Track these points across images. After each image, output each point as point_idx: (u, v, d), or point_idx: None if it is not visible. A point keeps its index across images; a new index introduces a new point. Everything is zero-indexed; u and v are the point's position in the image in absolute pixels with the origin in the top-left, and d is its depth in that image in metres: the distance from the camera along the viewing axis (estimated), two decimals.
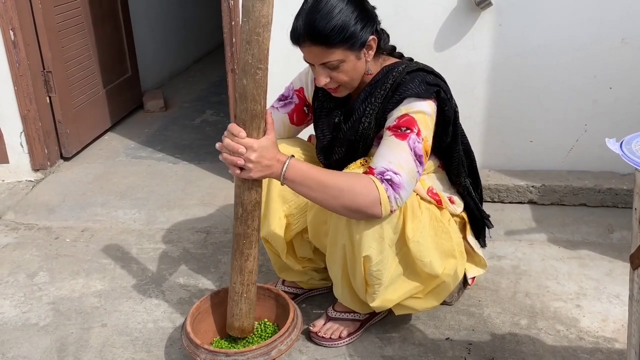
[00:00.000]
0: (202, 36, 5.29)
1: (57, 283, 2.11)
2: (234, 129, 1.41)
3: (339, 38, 1.49)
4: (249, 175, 1.42)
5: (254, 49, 1.33)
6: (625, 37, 2.41)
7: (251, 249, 1.55)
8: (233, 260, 1.58)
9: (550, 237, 2.34)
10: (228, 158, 1.42)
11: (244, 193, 1.48)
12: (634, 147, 1.14)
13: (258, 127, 1.42)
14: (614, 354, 1.72)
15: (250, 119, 1.40)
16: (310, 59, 1.56)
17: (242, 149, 1.40)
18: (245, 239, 1.53)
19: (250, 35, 1.32)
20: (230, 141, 1.41)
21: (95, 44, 3.35)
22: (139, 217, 2.56)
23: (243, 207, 1.49)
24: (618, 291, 2.00)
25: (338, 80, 1.57)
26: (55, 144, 3.06)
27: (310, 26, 1.49)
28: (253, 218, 1.51)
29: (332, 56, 1.52)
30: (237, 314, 1.63)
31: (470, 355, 1.73)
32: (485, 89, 2.55)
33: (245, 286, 1.60)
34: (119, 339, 1.83)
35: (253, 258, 1.57)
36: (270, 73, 1.42)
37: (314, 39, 1.50)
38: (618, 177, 2.56)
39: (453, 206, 1.77)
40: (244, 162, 1.41)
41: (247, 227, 1.52)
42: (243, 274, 1.58)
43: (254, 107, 1.39)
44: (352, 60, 1.55)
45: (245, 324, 1.65)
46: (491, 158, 2.66)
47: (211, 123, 3.73)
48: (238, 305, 1.62)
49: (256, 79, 1.36)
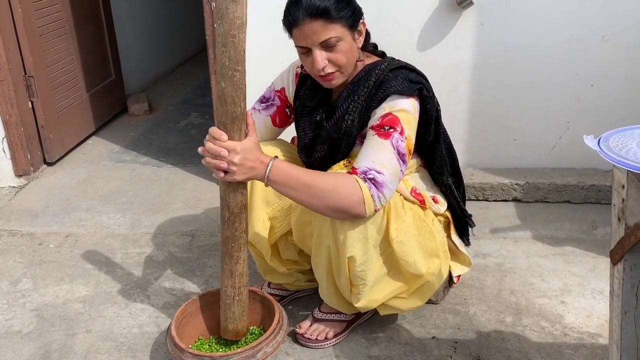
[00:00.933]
0: (187, 38, 5.26)
1: (41, 289, 2.09)
2: (215, 132, 1.40)
3: (339, 11, 1.49)
4: (233, 178, 1.42)
5: (230, 51, 1.33)
6: (605, 35, 2.43)
7: (240, 251, 1.54)
8: (223, 264, 1.57)
9: (535, 234, 2.35)
10: (211, 162, 1.42)
11: (229, 196, 1.47)
12: (611, 144, 1.14)
13: (239, 130, 1.41)
14: (598, 349, 1.73)
15: (231, 121, 1.40)
16: (307, 38, 1.52)
17: (225, 151, 1.39)
18: (233, 242, 1.52)
19: (226, 38, 1.32)
20: (212, 145, 1.40)
21: (77, 48, 3.33)
22: (124, 222, 2.54)
23: (229, 210, 1.48)
24: (602, 287, 2.01)
25: (336, 61, 1.55)
26: (38, 149, 3.03)
27: (310, 1, 1.48)
28: (240, 220, 1.50)
29: (331, 32, 1.50)
30: (231, 317, 1.63)
31: (456, 353, 1.74)
32: (469, 88, 2.56)
33: (237, 289, 1.59)
34: (103, 345, 1.81)
35: (243, 260, 1.56)
36: (253, 73, 1.41)
37: (314, 13, 1.48)
38: (601, 174, 2.59)
39: (437, 205, 1.77)
40: (227, 165, 1.40)
41: (235, 230, 1.51)
42: (234, 277, 1.57)
43: (234, 110, 1.38)
44: (349, 40, 1.54)
45: (239, 327, 1.64)
46: (475, 156, 2.67)
47: (196, 126, 3.72)
48: (231, 308, 1.61)
49: (234, 81, 1.35)
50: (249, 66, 1.39)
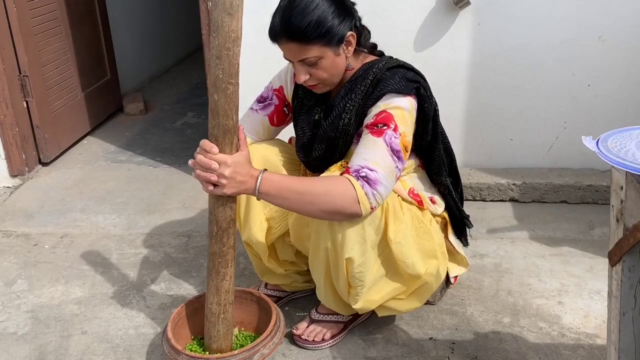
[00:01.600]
0: (183, 38, 5.25)
1: (36, 291, 2.08)
2: (206, 145, 1.40)
3: (315, 34, 1.48)
4: (222, 191, 1.41)
5: (224, 64, 1.32)
6: (602, 35, 2.43)
7: (227, 267, 1.52)
8: (209, 279, 1.54)
9: (532, 234, 2.35)
10: (201, 175, 1.41)
11: (218, 210, 1.45)
12: (610, 145, 1.14)
13: (231, 143, 1.40)
14: (596, 350, 1.73)
15: (223, 134, 1.39)
16: (288, 55, 1.56)
17: (215, 164, 1.38)
18: (220, 257, 1.50)
19: (220, 51, 1.31)
20: (203, 157, 1.39)
21: (72, 47, 3.31)
22: (119, 222, 2.53)
23: (218, 225, 1.47)
24: (599, 287, 2.01)
25: (317, 77, 1.57)
26: (33, 149, 3.02)
27: (286, 23, 1.48)
28: (228, 236, 1.48)
29: (309, 52, 1.51)
30: (215, 336, 1.60)
31: (453, 354, 1.73)
32: (465, 88, 2.56)
33: (222, 306, 1.56)
34: (99, 347, 1.80)
35: (230, 277, 1.53)
36: (248, 75, 1.41)
37: (290, 36, 1.49)
38: (598, 174, 2.59)
39: (434, 206, 1.77)
40: (217, 179, 1.39)
41: (223, 245, 1.49)
42: (219, 294, 1.54)
43: (226, 123, 1.37)
44: (331, 56, 1.54)
45: (223, 346, 1.61)
46: (472, 157, 2.67)
47: (192, 125, 3.70)
48: (215, 326, 1.58)
49: (227, 94, 1.35)
50: (246, 67, 1.38)
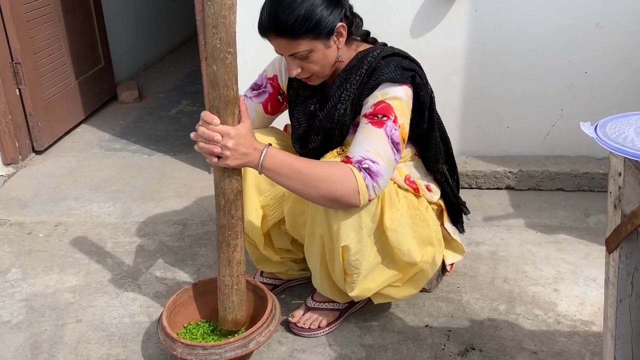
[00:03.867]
0: (177, 25, 5.20)
1: (30, 279, 2.07)
2: (208, 116, 1.38)
3: (303, 28, 1.47)
4: (226, 163, 1.39)
5: (221, 32, 1.30)
6: (600, 22, 2.41)
7: (237, 239, 1.51)
8: (220, 252, 1.54)
9: (528, 222, 2.35)
10: (204, 147, 1.39)
11: (224, 182, 1.44)
12: (608, 131, 1.13)
13: (232, 113, 1.39)
14: (591, 337, 1.73)
15: (224, 105, 1.37)
16: (278, 50, 1.55)
17: (218, 136, 1.37)
18: (230, 229, 1.49)
19: (217, 19, 1.28)
20: (205, 129, 1.38)
21: (65, 34, 3.28)
22: (114, 211, 2.51)
23: (225, 197, 1.46)
24: (595, 274, 2.01)
25: (309, 70, 1.56)
26: (26, 137, 2.99)
27: (274, 18, 1.46)
28: (236, 207, 1.48)
29: (299, 47, 1.50)
30: (230, 307, 1.60)
31: (449, 341, 1.73)
32: (462, 76, 2.54)
33: (235, 277, 1.56)
34: (94, 335, 1.80)
35: (240, 248, 1.53)
36: (243, 61, 1.39)
37: (279, 31, 1.48)
38: (594, 162, 2.58)
39: (430, 194, 1.76)
40: (220, 150, 1.38)
41: (232, 217, 1.48)
42: (231, 265, 1.54)
43: (226, 93, 1.36)
44: (321, 49, 1.52)
45: (238, 317, 1.62)
46: (468, 144, 2.66)
47: (187, 113, 3.68)
48: (229, 298, 1.58)
49: (226, 64, 1.33)
50: (241, 55, 1.36)
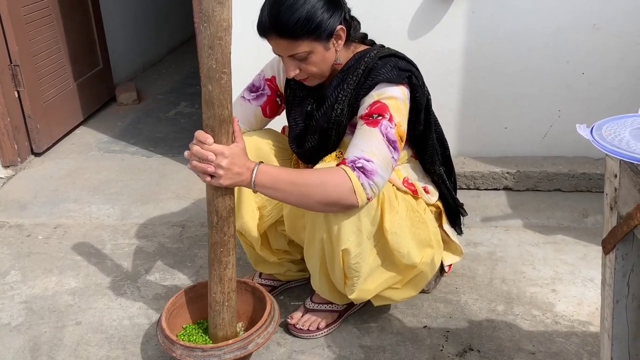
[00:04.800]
0: (176, 26, 5.21)
1: (30, 282, 2.07)
2: (201, 135, 1.39)
3: (304, 30, 1.47)
4: (219, 182, 1.40)
5: (217, 53, 1.31)
6: (597, 23, 2.42)
7: (229, 256, 1.52)
8: (211, 269, 1.54)
9: (526, 222, 2.35)
10: (198, 166, 1.40)
11: (217, 200, 1.45)
12: (604, 133, 1.14)
13: (227, 132, 1.40)
14: (589, 337, 1.74)
15: (219, 124, 1.38)
16: (277, 51, 1.55)
17: (212, 155, 1.38)
18: (222, 247, 1.50)
19: (213, 40, 1.30)
20: (200, 148, 1.39)
21: (64, 36, 3.28)
22: (113, 213, 2.52)
23: (218, 214, 1.46)
24: (592, 275, 2.02)
25: (307, 71, 1.56)
26: (25, 139, 2.99)
27: (275, 19, 1.47)
28: (229, 225, 1.48)
29: (298, 48, 1.50)
30: (220, 324, 1.60)
31: (447, 342, 1.74)
32: (460, 76, 2.55)
33: (226, 294, 1.56)
34: (94, 337, 1.80)
35: (232, 265, 1.54)
36: (242, 64, 1.39)
37: (279, 32, 1.48)
38: (591, 162, 2.59)
39: (428, 196, 1.76)
40: (214, 169, 1.38)
41: (224, 235, 1.49)
42: (223, 282, 1.55)
43: (221, 113, 1.37)
44: (320, 51, 1.53)
45: (229, 333, 1.62)
46: (466, 145, 2.66)
47: (186, 115, 3.68)
48: (220, 315, 1.59)
49: (221, 84, 1.34)
50: (237, 54, 1.37)
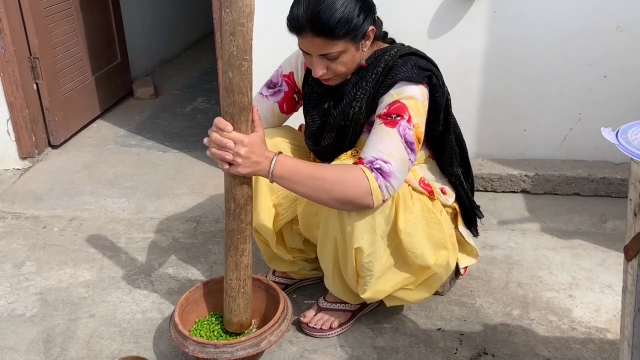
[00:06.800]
0: (194, 22, 5.22)
1: (45, 273, 2.08)
2: (221, 123, 1.38)
3: (343, 30, 1.46)
4: (237, 170, 1.39)
5: (238, 40, 1.30)
6: (621, 25, 2.38)
7: (246, 243, 1.52)
8: (227, 256, 1.54)
9: (543, 226, 2.32)
10: (216, 153, 1.39)
11: (235, 188, 1.45)
12: (629, 137, 1.12)
13: (246, 120, 1.39)
14: (606, 344, 1.71)
15: (239, 112, 1.37)
16: (308, 48, 1.52)
17: (231, 143, 1.37)
18: (239, 234, 1.50)
19: (234, 27, 1.29)
20: (219, 135, 1.38)
21: (83, 30, 3.30)
22: (128, 206, 2.52)
23: (235, 202, 1.46)
24: (611, 281, 1.99)
25: (335, 71, 1.54)
26: (42, 131, 3.01)
27: (314, 17, 1.44)
28: (246, 212, 1.48)
29: (334, 48, 1.48)
30: (236, 310, 1.60)
31: (461, 345, 1.72)
32: (479, 77, 2.52)
33: (242, 281, 1.57)
34: (106, 330, 1.80)
35: (248, 252, 1.54)
36: (260, 60, 1.39)
37: (318, 31, 1.46)
38: (612, 167, 2.55)
39: (445, 197, 1.74)
40: (232, 157, 1.38)
41: (241, 222, 1.49)
42: (239, 269, 1.55)
43: (241, 100, 1.36)
44: (352, 51, 1.52)
45: (243, 319, 1.62)
46: (484, 147, 2.63)
47: (202, 110, 3.69)
48: (235, 301, 1.59)
49: (242, 71, 1.33)
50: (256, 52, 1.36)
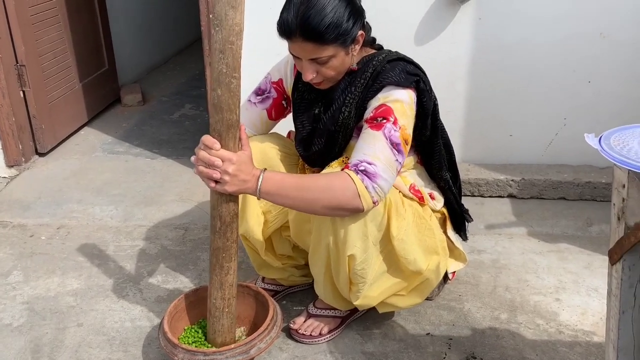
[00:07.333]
0: (181, 29, 5.22)
1: (32, 282, 2.07)
2: (208, 140, 1.38)
3: (332, 35, 1.47)
4: (224, 188, 1.40)
5: (227, 58, 1.31)
6: (604, 31, 2.42)
7: (231, 261, 1.51)
8: (212, 274, 1.53)
9: (530, 230, 2.35)
10: (204, 171, 1.39)
11: (221, 205, 1.44)
12: (612, 143, 1.13)
13: (234, 137, 1.39)
14: (593, 347, 1.73)
15: (227, 129, 1.37)
16: (299, 53, 1.53)
17: (218, 161, 1.37)
18: (224, 252, 1.49)
19: (224, 45, 1.30)
20: (206, 154, 1.38)
21: (70, 37, 3.29)
22: (116, 214, 2.52)
23: (221, 220, 1.46)
24: (597, 284, 2.01)
25: (325, 75, 1.56)
26: (29, 139, 3.00)
27: (304, 22, 1.45)
28: (232, 230, 1.48)
29: (323, 52, 1.49)
30: (220, 330, 1.59)
31: (450, 350, 1.73)
32: (465, 83, 2.55)
33: (226, 300, 1.56)
34: (95, 339, 1.79)
35: (233, 271, 1.53)
36: (250, 67, 1.39)
37: (307, 36, 1.47)
38: (597, 171, 2.58)
39: (434, 202, 1.76)
40: (220, 175, 1.38)
41: (227, 240, 1.48)
42: (223, 288, 1.54)
43: (229, 117, 1.36)
44: (342, 55, 1.53)
45: (227, 339, 1.61)
46: (471, 152, 2.66)
47: (190, 117, 3.68)
48: (220, 321, 1.58)
49: (231, 88, 1.34)
50: (245, 57, 1.37)
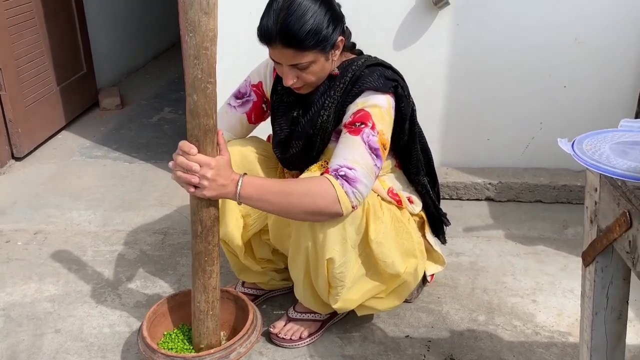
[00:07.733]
0: (160, 32, 5.19)
1: (8, 288, 2.04)
2: (186, 146, 1.38)
3: (312, 42, 1.48)
4: (203, 193, 1.40)
5: (202, 63, 1.31)
6: (578, 37, 2.46)
7: (213, 265, 1.52)
8: (195, 278, 1.54)
9: (507, 233, 2.38)
10: (182, 176, 1.39)
11: (202, 210, 1.45)
12: (585, 147, 1.16)
13: (212, 142, 1.40)
14: (569, 348, 1.76)
15: (204, 134, 1.38)
16: (279, 59, 1.54)
17: (197, 166, 1.37)
18: (207, 256, 1.50)
19: (198, 50, 1.30)
20: (184, 159, 1.38)
21: (47, 40, 3.25)
22: (95, 219, 2.49)
23: (202, 224, 1.46)
24: (572, 286, 2.04)
25: (305, 80, 1.57)
26: (6, 143, 2.96)
27: (284, 29, 1.46)
28: (213, 234, 1.48)
29: (303, 58, 1.51)
30: (205, 333, 1.59)
31: (429, 352, 1.75)
32: (443, 88, 2.57)
33: (210, 303, 1.56)
34: (73, 345, 1.78)
35: (216, 274, 1.53)
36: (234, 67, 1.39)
37: (287, 42, 1.48)
38: (572, 174, 2.63)
39: (412, 206, 1.78)
40: (198, 180, 1.38)
41: (208, 244, 1.48)
42: (207, 291, 1.54)
43: (206, 122, 1.37)
44: (322, 61, 1.54)
45: (213, 342, 1.61)
46: (449, 156, 2.69)
47: (169, 121, 3.67)
48: (204, 323, 1.58)
49: (207, 94, 1.34)
50: (225, 61, 1.37)
